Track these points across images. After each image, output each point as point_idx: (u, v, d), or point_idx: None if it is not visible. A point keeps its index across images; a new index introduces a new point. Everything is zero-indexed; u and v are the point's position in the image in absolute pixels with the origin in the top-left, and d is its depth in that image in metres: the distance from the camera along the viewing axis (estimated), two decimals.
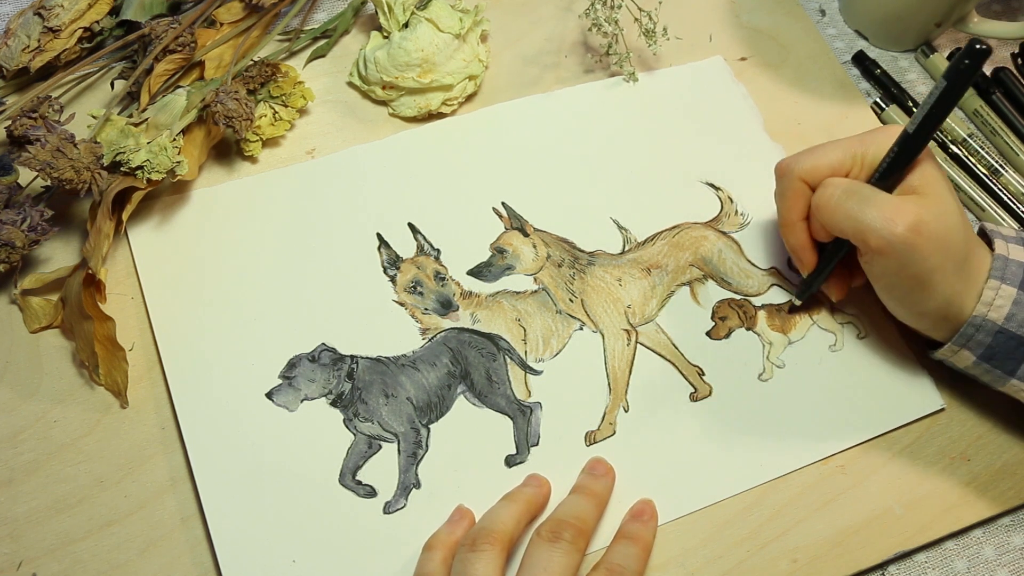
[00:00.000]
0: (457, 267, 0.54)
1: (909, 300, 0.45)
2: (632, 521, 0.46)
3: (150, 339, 0.51)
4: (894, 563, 0.48)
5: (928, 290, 0.44)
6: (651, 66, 0.62)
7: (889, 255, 0.43)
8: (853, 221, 0.44)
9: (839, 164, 0.47)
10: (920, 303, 0.45)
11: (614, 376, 0.51)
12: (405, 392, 0.50)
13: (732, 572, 0.46)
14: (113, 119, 0.52)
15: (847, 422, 0.50)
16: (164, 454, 0.48)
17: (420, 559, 0.44)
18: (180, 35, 0.55)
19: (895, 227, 0.42)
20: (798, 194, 0.48)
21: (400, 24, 0.58)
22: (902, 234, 0.42)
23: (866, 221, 0.43)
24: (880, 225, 0.43)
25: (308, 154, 0.58)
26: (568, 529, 0.43)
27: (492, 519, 0.44)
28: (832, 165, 0.47)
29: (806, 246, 0.49)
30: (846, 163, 0.47)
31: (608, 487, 0.47)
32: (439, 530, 0.45)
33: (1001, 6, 0.69)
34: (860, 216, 0.44)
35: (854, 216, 0.44)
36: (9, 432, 0.48)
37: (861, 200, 0.44)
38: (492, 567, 0.41)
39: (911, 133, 0.44)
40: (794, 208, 0.48)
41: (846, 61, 0.66)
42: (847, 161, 0.47)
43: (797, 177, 0.47)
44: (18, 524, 0.46)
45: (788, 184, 0.48)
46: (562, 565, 0.41)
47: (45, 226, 0.49)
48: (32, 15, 0.57)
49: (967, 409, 0.51)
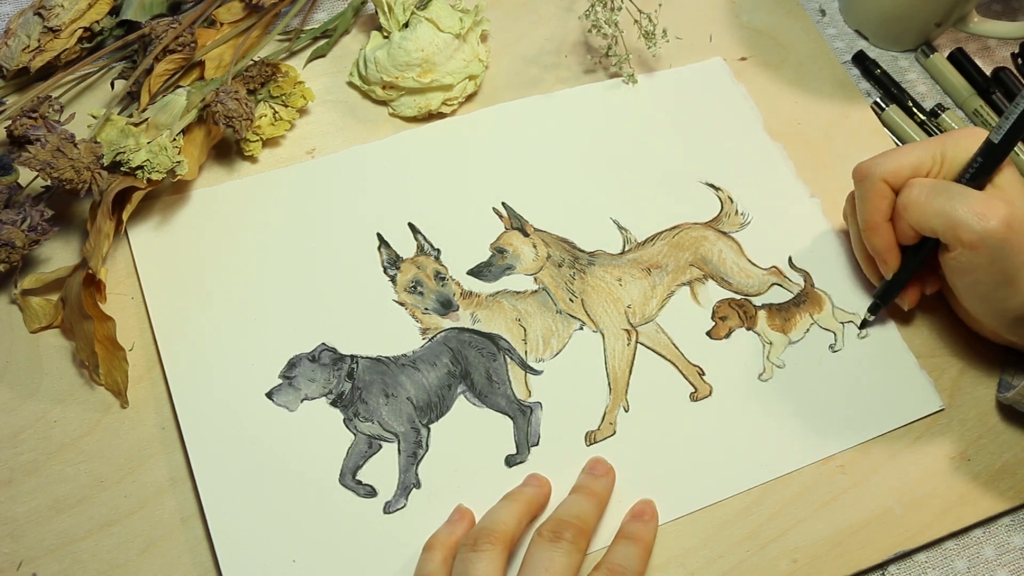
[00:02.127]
0: (457, 267, 0.54)
1: (993, 297, 0.46)
2: (633, 521, 0.46)
3: (150, 339, 0.51)
4: (894, 563, 0.48)
5: (1014, 287, 0.44)
6: (651, 67, 0.62)
7: (980, 250, 0.44)
8: (944, 217, 0.44)
9: (920, 164, 0.47)
10: (1004, 300, 0.45)
11: (614, 376, 0.51)
12: (405, 392, 0.50)
13: (732, 572, 0.46)
14: (113, 119, 0.52)
15: (847, 422, 0.50)
16: (164, 454, 0.48)
17: (420, 559, 0.44)
18: (180, 35, 0.55)
19: (988, 222, 0.43)
20: (881, 195, 0.48)
21: (400, 24, 0.58)
22: (995, 228, 0.43)
23: (958, 216, 0.44)
24: (973, 220, 0.43)
25: (308, 154, 0.58)
26: (569, 529, 0.43)
27: (493, 519, 0.44)
28: (914, 165, 0.47)
29: (891, 247, 0.49)
30: (926, 163, 0.47)
31: (608, 487, 0.47)
32: (439, 530, 0.45)
33: (1001, 6, 0.69)
34: (951, 212, 0.44)
35: (945, 212, 0.44)
36: (9, 432, 0.48)
37: (951, 197, 0.44)
38: (493, 567, 0.41)
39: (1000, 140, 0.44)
40: (878, 210, 0.48)
41: (846, 61, 0.66)
42: (927, 161, 0.47)
43: (880, 178, 0.47)
44: (18, 524, 0.46)
45: (871, 186, 0.48)
46: (563, 565, 0.42)
47: (45, 226, 0.49)
48: (32, 15, 0.57)
49: (967, 409, 0.51)
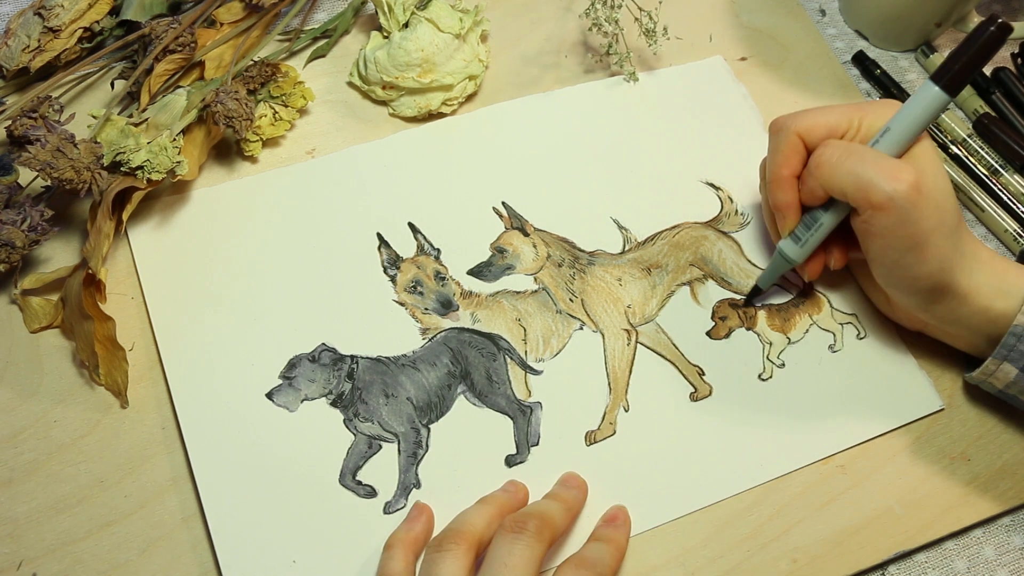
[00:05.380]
0: (457, 267, 0.54)
1: (904, 263, 0.45)
2: (605, 526, 0.46)
3: (150, 339, 0.51)
4: (894, 563, 0.48)
5: (923, 252, 0.44)
6: (651, 66, 0.62)
7: (890, 211, 0.43)
8: (854, 177, 0.44)
9: (836, 125, 0.47)
10: (914, 266, 0.45)
11: (614, 376, 0.51)
12: (405, 392, 0.50)
13: (732, 572, 0.46)
14: (113, 119, 0.52)
15: (847, 422, 0.50)
16: (164, 454, 0.48)
17: (382, 559, 0.44)
18: (180, 35, 0.55)
19: (898, 184, 0.43)
20: (793, 149, 0.47)
21: (400, 24, 0.58)
22: (904, 191, 0.43)
23: (868, 177, 0.43)
24: (883, 181, 0.43)
25: (308, 154, 0.58)
26: (532, 520, 0.42)
27: (460, 520, 0.44)
28: (830, 125, 0.47)
29: (792, 204, 0.48)
30: (843, 125, 0.47)
31: (579, 499, 0.47)
32: (397, 528, 0.45)
33: (1001, 6, 0.69)
34: (862, 172, 0.44)
35: (856, 172, 0.44)
36: (9, 432, 0.48)
37: (863, 159, 0.44)
38: (457, 566, 0.41)
39: None
40: (787, 163, 0.48)
41: (846, 61, 0.66)
42: (843, 123, 0.47)
43: (794, 132, 0.47)
44: (18, 524, 0.46)
45: (784, 138, 0.48)
46: (525, 557, 0.41)
47: (45, 226, 0.49)
48: (32, 15, 0.57)
49: (967, 409, 0.51)
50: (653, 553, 0.46)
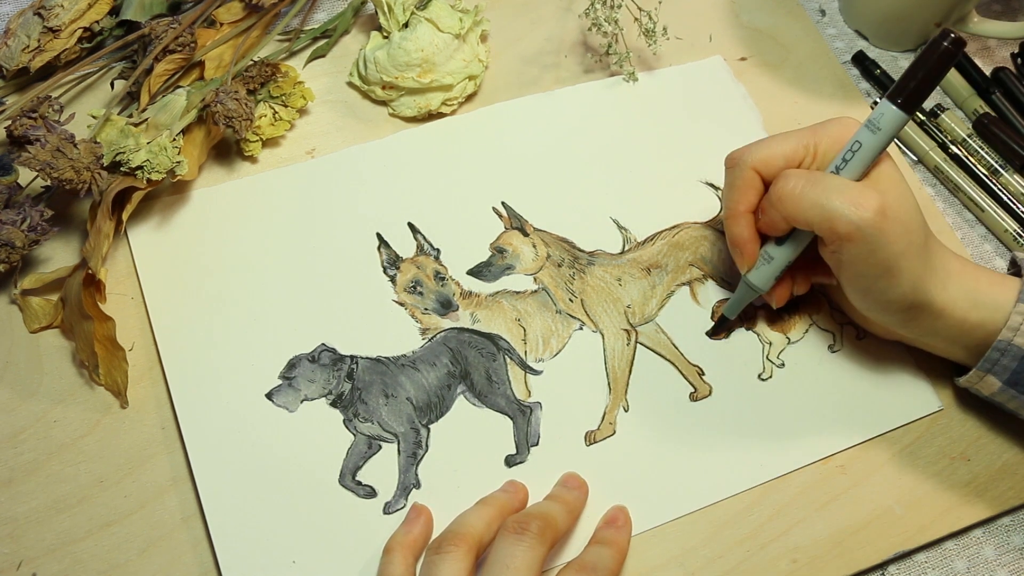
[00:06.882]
0: (457, 267, 0.54)
1: (876, 288, 0.45)
2: (606, 527, 0.46)
3: (150, 339, 0.51)
4: (894, 563, 0.48)
5: (895, 276, 0.44)
6: (651, 66, 0.62)
7: (858, 241, 0.43)
8: (819, 209, 0.43)
9: (792, 154, 0.46)
10: (887, 291, 0.45)
11: (614, 376, 0.51)
12: (405, 392, 0.50)
13: (732, 572, 0.46)
14: (113, 119, 0.52)
15: (847, 422, 0.50)
16: (164, 454, 0.48)
17: (381, 562, 0.44)
18: (180, 35, 0.55)
19: (864, 212, 0.42)
20: (749, 184, 0.47)
21: (400, 24, 0.58)
22: (870, 218, 0.42)
23: (833, 207, 0.43)
24: (848, 211, 0.42)
25: (308, 154, 0.58)
26: (534, 521, 0.42)
27: (460, 522, 0.44)
28: (786, 155, 0.46)
29: (752, 239, 0.48)
30: (799, 153, 0.46)
31: (580, 499, 0.47)
32: (396, 531, 0.45)
33: (1001, 6, 0.69)
34: (826, 203, 0.43)
35: (820, 203, 0.43)
36: (9, 432, 0.48)
37: (826, 188, 0.43)
38: (457, 567, 0.41)
39: None
40: (743, 199, 0.47)
41: (846, 61, 0.66)
42: (800, 151, 0.46)
43: (750, 167, 0.47)
44: (18, 524, 0.46)
45: (739, 174, 0.47)
46: (527, 558, 0.41)
47: (45, 226, 0.49)
48: (32, 15, 0.57)
49: (967, 409, 0.51)
50: (653, 553, 0.46)
